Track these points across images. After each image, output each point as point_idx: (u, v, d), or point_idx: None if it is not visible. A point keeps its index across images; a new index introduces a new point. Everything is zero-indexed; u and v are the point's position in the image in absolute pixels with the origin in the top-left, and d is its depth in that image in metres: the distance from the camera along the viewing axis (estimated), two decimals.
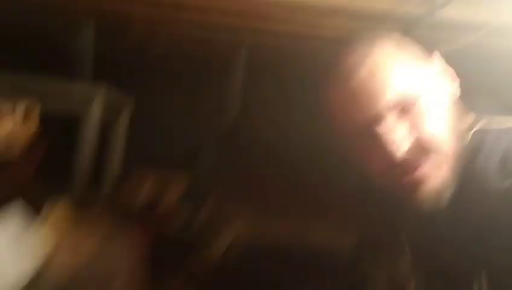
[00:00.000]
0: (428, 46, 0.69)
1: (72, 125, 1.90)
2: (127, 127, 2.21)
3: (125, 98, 2.29)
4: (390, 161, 0.64)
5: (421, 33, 1.60)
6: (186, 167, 2.11)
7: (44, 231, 1.08)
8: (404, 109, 0.64)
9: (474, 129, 0.69)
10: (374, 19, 1.65)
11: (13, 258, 0.96)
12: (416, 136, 0.64)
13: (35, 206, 1.12)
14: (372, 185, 0.72)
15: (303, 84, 2.29)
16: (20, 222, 1.05)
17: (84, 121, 1.90)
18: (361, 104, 0.65)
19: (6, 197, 1.12)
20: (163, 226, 1.54)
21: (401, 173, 0.65)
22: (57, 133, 1.77)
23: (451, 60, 0.73)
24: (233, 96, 2.57)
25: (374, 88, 0.64)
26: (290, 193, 2.16)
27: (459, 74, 0.70)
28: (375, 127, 0.65)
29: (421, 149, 0.64)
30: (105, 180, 1.94)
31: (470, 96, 0.72)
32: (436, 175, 0.65)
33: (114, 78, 2.10)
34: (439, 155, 0.65)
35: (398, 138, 0.63)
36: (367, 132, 0.66)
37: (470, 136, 0.68)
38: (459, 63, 0.78)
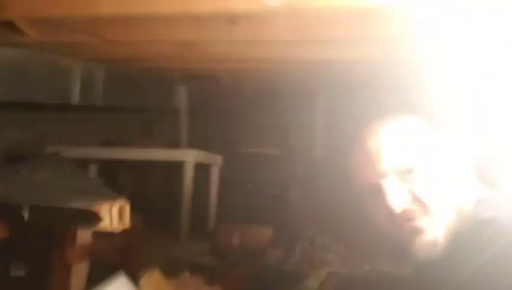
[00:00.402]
0: None
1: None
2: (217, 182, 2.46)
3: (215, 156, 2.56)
4: (391, 214, 0.78)
5: None
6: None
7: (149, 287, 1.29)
8: (402, 173, 0.79)
9: (478, 200, 0.80)
10: None
11: None
12: (413, 196, 0.78)
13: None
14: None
15: None
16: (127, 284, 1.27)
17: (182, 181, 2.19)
18: (368, 168, 0.82)
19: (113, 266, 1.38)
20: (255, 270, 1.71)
21: (399, 224, 0.79)
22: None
23: None
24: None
25: (377, 157, 0.81)
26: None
27: None
28: (379, 188, 0.80)
29: (418, 206, 0.78)
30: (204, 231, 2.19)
31: None
32: (430, 230, 0.77)
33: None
34: (434, 215, 0.77)
35: (396, 196, 0.78)
36: (373, 191, 0.82)
37: (473, 206, 0.79)
38: None
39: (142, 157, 2.11)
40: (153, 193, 2.24)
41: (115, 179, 2.28)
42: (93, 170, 2.17)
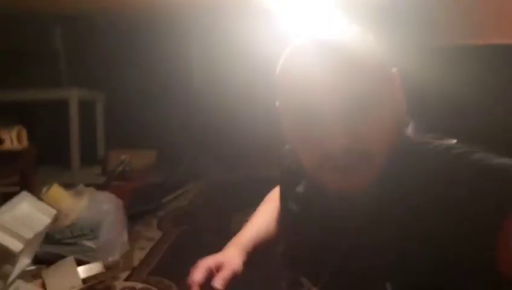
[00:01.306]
0: None
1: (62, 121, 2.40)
2: (103, 116, 2.71)
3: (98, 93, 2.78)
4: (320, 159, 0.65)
5: None
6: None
7: (49, 198, 1.60)
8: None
9: (408, 141, 0.71)
10: None
11: (34, 214, 1.50)
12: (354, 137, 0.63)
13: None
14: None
15: None
16: (31, 197, 1.56)
17: (68, 116, 2.41)
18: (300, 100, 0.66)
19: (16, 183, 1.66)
20: (138, 184, 2.08)
21: (327, 174, 0.66)
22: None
23: None
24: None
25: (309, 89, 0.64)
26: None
27: None
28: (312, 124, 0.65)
29: (356, 149, 0.63)
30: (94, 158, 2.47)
31: None
32: (361, 171, 0.65)
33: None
34: (367, 154, 0.65)
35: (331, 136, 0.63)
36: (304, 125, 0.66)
37: (403, 147, 0.70)
38: None
39: (28, 98, 2.27)
40: (42, 131, 2.42)
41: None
42: None
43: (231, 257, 0.86)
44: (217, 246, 1.11)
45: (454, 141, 0.70)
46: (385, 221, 0.67)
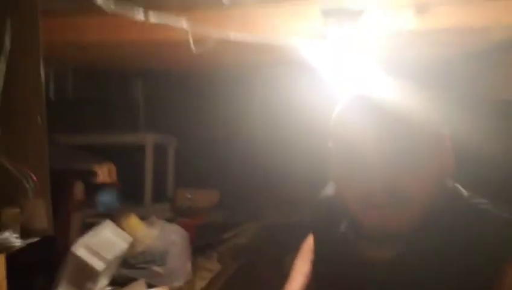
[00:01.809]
0: None
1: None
2: (174, 158, 3.00)
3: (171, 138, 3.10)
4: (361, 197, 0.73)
5: None
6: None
7: (127, 226, 1.84)
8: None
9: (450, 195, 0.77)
10: None
11: (114, 240, 1.75)
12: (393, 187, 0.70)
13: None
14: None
15: None
16: (113, 225, 1.81)
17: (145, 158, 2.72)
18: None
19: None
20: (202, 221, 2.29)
21: (367, 207, 0.73)
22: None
23: None
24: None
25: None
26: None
27: None
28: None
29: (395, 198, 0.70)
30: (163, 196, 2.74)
31: None
32: (398, 213, 0.72)
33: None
34: (405, 199, 0.71)
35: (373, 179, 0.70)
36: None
37: (445, 199, 0.75)
38: None
39: (112, 141, 2.60)
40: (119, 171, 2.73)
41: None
42: None
43: None
44: (269, 279, 1.26)
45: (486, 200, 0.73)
46: (416, 267, 0.70)
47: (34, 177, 0.60)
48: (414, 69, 2.04)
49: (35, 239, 0.67)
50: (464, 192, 0.78)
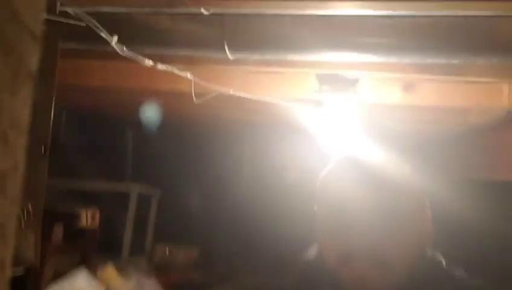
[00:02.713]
0: None
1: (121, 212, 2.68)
2: (156, 210, 2.97)
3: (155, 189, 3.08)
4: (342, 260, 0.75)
5: None
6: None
7: (103, 276, 1.79)
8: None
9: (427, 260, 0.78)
10: None
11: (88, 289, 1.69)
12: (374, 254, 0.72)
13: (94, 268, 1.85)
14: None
15: None
16: (87, 273, 1.76)
17: (127, 210, 2.69)
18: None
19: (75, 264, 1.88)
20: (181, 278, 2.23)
21: (348, 270, 0.74)
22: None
23: None
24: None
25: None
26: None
27: None
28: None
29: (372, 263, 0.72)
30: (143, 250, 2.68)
31: None
32: (377, 280, 0.73)
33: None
34: (386, 265, 0.73)
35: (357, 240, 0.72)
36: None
37: (422, 268, 0.77)
38: None
39: (97, 188, 2.59)
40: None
41: None
42: None
43: None
44: None
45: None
46: None
47: (30, 209, 0.61)
48: (399, 142, 2.13)
49: (20, 272, 0.66)
50: (443, 261, 0.80)
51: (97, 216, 1.67)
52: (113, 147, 3.24)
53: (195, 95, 1.11)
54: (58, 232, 1.62)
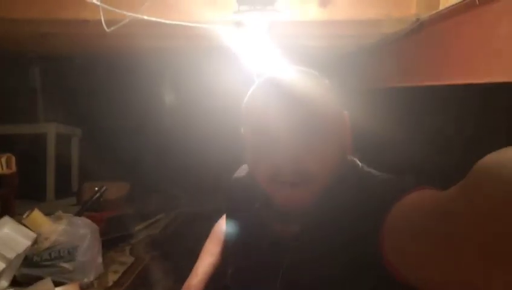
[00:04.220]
0: None
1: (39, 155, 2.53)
2: (78, 151, 2.85)
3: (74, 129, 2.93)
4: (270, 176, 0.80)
5: None
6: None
7: (29, 222, 1.72)
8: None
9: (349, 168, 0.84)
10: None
11: (15, 237, 1.62)
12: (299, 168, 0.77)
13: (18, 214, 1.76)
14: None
15: None
16: (12, 221, 1.68)
17: (46, 150, 2.54)
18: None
19: None
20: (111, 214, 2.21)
21: (275, 185, 0.80)
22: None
23: None
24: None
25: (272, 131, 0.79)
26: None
27: None
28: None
29: (301, 176, 0.77)
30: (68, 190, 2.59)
31: None
32: (303, 189, 0.78)
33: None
34: (310, 175, 0.78)
35: (282, 155, 0.77)
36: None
37: (344, 174, 0.81)
38: None
39: (9, 132, 2.40)
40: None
41: None
42: None
43: None
44: (183, 269, 1.28)
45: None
46: (318, 239, 0.76)
47: None
48: (317, 58, 2.18)
49: None
50: (359, 164, 0.87)
51: (13, 161, 1.56)
52: (20, 87, 2.97)
53: (105, 23, 1.03)
54: None
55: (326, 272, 0.74)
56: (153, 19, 1.04)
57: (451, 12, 1.16)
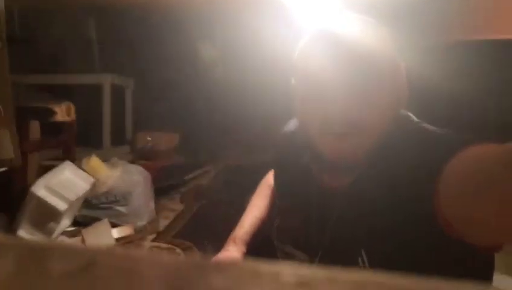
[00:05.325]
0: None
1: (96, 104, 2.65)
2: (131, 101, 2.94)
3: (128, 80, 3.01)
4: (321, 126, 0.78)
5: None
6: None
7: (88, 167, 1.82)
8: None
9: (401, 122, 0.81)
10: None
11: (76, 181, 1.73)
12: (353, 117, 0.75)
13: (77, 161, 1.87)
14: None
15: None
16: (73, 166, 1.78)
17: (101, 99, 2.65)
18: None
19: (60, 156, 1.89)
20: (163, 163, 2.29)
21: (327, 136, 0.78)
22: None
23: None
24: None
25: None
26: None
27: None
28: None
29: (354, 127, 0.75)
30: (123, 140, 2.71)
31: None
32: (354, 140, 0.77)
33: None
34: (361, 126, 0.76)
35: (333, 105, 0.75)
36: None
37: (397, 129, 0.79)
38: None
39: (67, 81, 2.51)
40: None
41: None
42: None
43: (230, 255, 1.05)
44: (231, 218, 1.31)
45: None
46: (369, 191, 0.75)
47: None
48: (376, 8, 2.06)
49: (2, 169, 0.65)
50: (414, 118, 0.83)
51: (72, 109, 1.64)
52: (78, 38, 3.06)
53: None
54: (34, 128, 1.60)
55: (378, 226, 0.74)
56: None
57: None
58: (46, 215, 1.62)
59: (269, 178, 1.27)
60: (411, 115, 0.85)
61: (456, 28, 1.89)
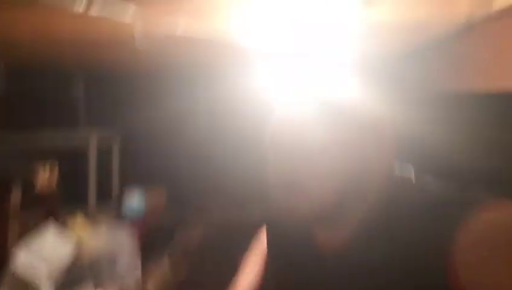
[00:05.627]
0: None
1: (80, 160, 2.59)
2: (118, 157, 2.89)
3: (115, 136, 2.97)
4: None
5: None
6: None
7: (72, 232, 1.75)
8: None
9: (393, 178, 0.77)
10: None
11: (57, 246, 1.64)
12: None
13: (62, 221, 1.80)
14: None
15: None
16: (55, 230, 1.71)
17: (87, 156, 2.59)
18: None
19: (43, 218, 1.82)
20: (152, 222, 2.22)
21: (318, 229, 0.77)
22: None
23: None
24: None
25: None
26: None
27: None
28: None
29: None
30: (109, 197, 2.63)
31: None
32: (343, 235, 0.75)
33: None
34: (356, 191, 0.73)
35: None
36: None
37: (393, 191, 0.75)
38: None
39: (53, 141, 2.46)
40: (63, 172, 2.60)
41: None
42: None
43: None
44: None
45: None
46: (369, 253, 0.72)
47: None
48: (363, 64, 2.10)
49: None
50: (411, 176, 0.79)
51: (56, 168, 1.59)
52: (63, 98, 3.05)
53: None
54: (15, 191, 1.54)
55: (377, 288, 0.69)
56: (187, 30, 1.01)
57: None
58: (26, 285, 1.53)
59: (263, 236, 1.21)
60: (406, 171, 0.81)
61: (442, 80, 1.92)
